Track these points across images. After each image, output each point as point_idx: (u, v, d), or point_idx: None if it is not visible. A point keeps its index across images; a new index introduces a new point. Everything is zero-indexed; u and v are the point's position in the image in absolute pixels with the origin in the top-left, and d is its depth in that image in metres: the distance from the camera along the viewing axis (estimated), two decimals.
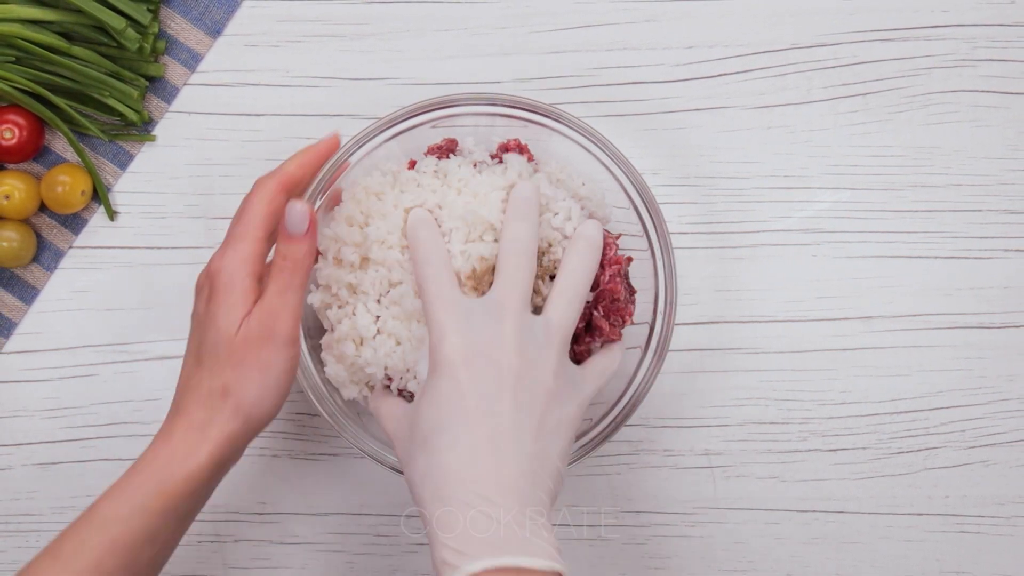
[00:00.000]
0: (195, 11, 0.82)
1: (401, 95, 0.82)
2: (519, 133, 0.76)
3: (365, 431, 0.76)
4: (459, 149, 0.76)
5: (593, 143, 0.74)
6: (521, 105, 0.74)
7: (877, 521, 0.82)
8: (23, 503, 0.82)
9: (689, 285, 0.82)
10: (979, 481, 0.82)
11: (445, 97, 0.73)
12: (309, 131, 0.82)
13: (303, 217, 0.66)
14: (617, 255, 0.73)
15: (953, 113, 0.83)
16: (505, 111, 0.74)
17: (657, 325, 0.74)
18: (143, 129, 0.82)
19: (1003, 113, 0.83)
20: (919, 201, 0.83)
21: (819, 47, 0.83)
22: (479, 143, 0.76)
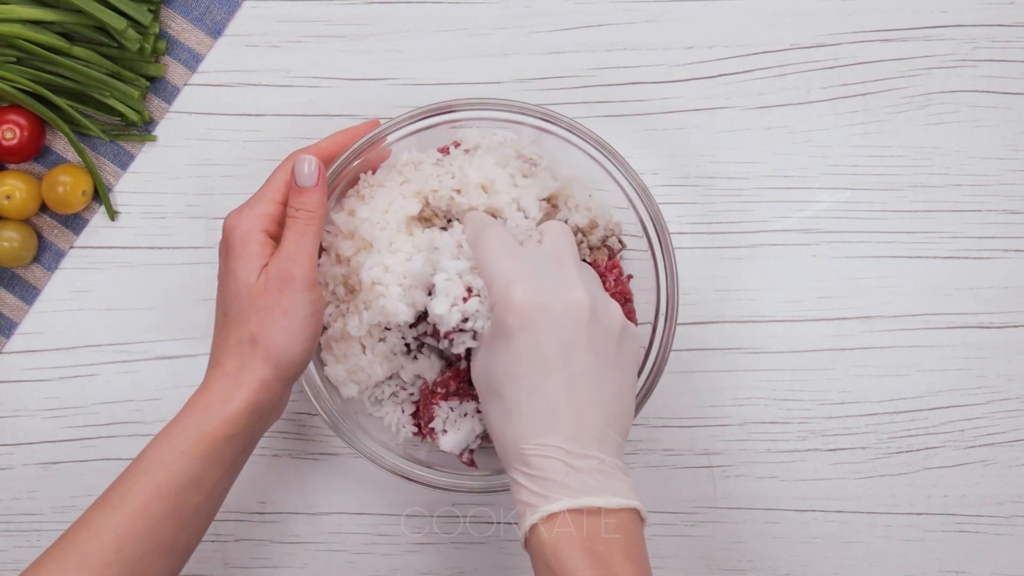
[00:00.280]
0: (196, 11, 0.82)
1: (401, 95, 0.82)
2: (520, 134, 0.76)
3: (364, 431, 0.76)
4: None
5: (592, 145, 0.74)
6: (520, 110, 0.74)
7: (876, 521, 0.82)
8: (24, 503, 0.82)
9: (689, 285, 0.82)
10: (978, 480, 0.82)
11: (445, 103, 0.74)
12: (310, 131, 0.82)
13: (312, 170, 0.69)
14: (614, 260, 0.74)
15: (953, 113, 0.83)
16: (505, 116, 0.74)
17: (659, 325, 0.74)
18: (144, 129, 0.82)
19: (1003, 113, 0.83)
20: (918, 201, 0.83)
21: (819, 47, 0.83)
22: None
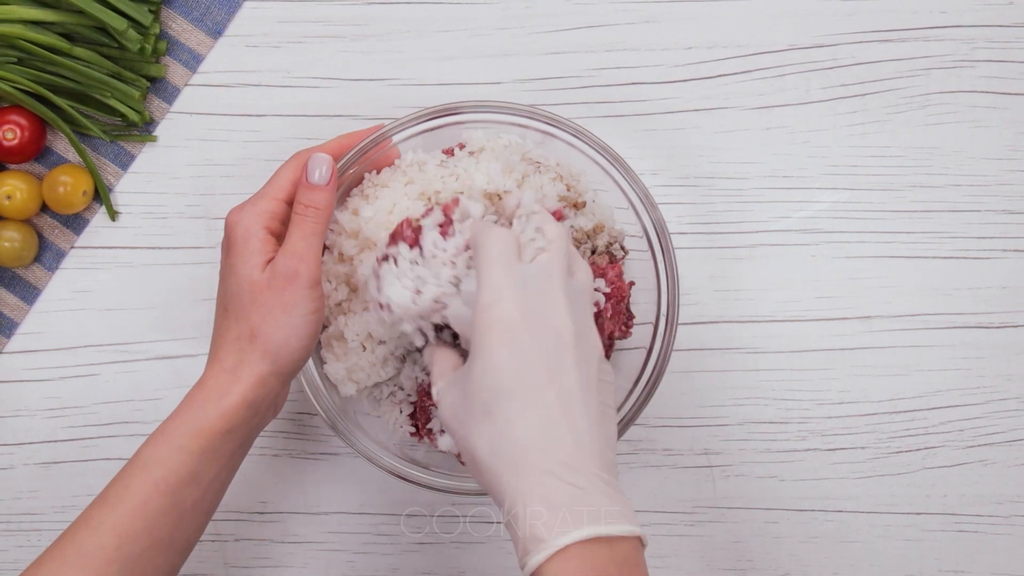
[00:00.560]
0: (196, 12, 0.82)
1: (402, 96, 0.82)
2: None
3: (362, 430, 0.76)
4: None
5: (597, 151, 0.74)
6: (526, 114, 0.74)
7: (875, 520, 0.82)
8: (24, 502, 0.82)
9: (689, 285, 0.82)
10: (977, 480, 0.82)
11: (451, 104, 0.74)
12: (310, 132, 0.82)
13: (326, 169, 0.69)
14: (613, 263, 0.74)
15: (952, 114, 0.83)
16: (511, 119, 0.74)
17: (660, 329, 0.74)
18: (144, 130, 0.82)
19: (1002, 114, 0.83)
20: (918, 201, 0.83)
21: (818, 48, 0.83)
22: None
